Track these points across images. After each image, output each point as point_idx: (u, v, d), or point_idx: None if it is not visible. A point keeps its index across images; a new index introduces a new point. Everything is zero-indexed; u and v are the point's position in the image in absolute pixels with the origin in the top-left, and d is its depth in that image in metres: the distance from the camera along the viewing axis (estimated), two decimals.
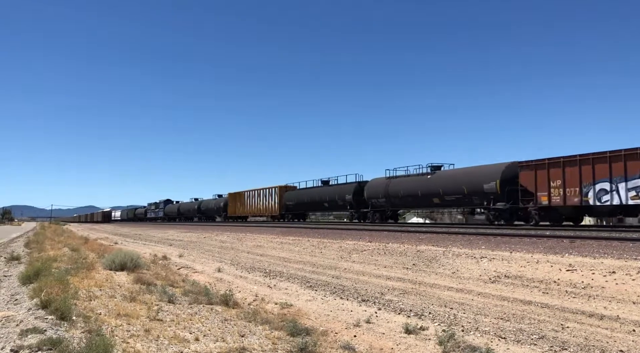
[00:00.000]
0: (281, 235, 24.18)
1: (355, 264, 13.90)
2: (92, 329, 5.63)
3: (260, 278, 12.92)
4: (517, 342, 6.47)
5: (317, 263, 14.78)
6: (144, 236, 38.28)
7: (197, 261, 18.01)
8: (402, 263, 13.07)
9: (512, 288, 9.52)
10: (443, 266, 12.00)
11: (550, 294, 8.77)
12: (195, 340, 5.90)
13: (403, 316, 8.19)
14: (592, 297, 8.29)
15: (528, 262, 10.97)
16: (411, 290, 10.22)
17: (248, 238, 24.62)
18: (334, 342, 6.54)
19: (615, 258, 10.20)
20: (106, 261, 13.34)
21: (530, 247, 12.72)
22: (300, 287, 11.39)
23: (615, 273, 9.08)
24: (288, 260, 16.24)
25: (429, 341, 6.69)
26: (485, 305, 8.53)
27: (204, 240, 27.37)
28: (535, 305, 8.23)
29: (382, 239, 17.94)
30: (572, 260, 10.49)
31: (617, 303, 7.82)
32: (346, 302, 9.56)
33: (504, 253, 12.21)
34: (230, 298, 8.96)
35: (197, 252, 21.74)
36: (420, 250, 14.35)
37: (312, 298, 10.08)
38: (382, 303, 9.23)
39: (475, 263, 11.69)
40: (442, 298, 9.28)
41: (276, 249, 19.36)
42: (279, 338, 6.33)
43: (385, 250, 15.21)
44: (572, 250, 11.68)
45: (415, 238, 17.35)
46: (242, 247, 21.81)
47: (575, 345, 6.14)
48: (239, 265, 15.77)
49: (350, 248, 16.51)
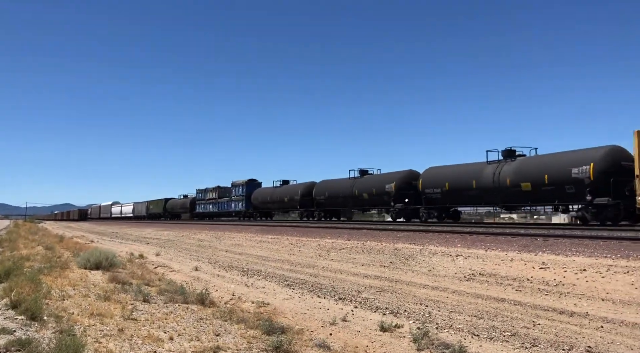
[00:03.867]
0: (260, 233, 24.13)
1: (334, 262, 13.95)
2: (63, 329, 5.56)
3: (237, 277, 12.88)
4: (490, 339, 6.57)
5: (295, 262, 14.79)
6: (121, 234, 37.84)
7: (174, 260, 17.87)
8: (379, 261, 13.16)
9: (487, 286, 9.66)
10: (420, 264, 12.12)
11: (523, 292, 8.92)
12: (169, 340, 5.87)
13: (379, 314, 8.25)
14: (564, 295, 8.46)
15: (502, 260, 11.14)
16: (388, 288, 10.30)
17: (227, 237, 24.51)
18: (309, 340, 6.56)
19: (586, 256, 10.42)
20: (81, 260, 13.16)
21: (505, 246, 12.92)
22: (277, 285, 11.39)
23: (586, 271, 9.28)
24: (266, 258, 16.21)
25: (403, 338, 6.76)
26: (459, 303, 8.64)
27: (181, 239, 27.16)
28: (508, 303, 8.36)
29: (361, 237, 18.03)
30: (545, 258, 10.69)
31: (586, 300, 8.00)
32: (323, 300, 9.59)
33: (479, 252, 12.37)
34: (206, 297, 8.93)
35: (175, 250, 21.57)
36: (398, 248, 14.46)
37: (289, 296, 10.09)
38: (359, 301, 9.28)
39: (451, 261, 11.82)
40: (418, 296, 9.37)
41: (255, 248, 19.31)
42: (254, 337, 6.33)
43: (363, 248, 15.29)
44: (545, 248, 11.89)
45: (393, 237, 17.47)
46: (220, 245, 21.70)
47: (545, 342, 6.27)
48: (216, 264, 15.70)
49: (329, 246, 16.55)
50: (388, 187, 29.92)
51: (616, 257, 9.96)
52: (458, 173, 25.90)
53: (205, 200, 59.25)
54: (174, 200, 70.59)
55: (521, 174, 22.23)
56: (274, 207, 45.03)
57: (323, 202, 36.54)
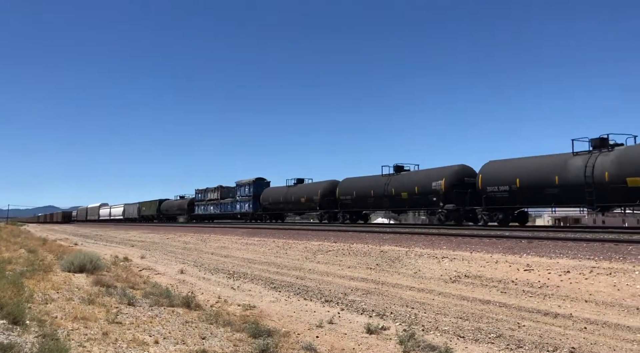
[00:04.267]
0: (246, 236, 24.04)
1: (320, 265, 13.95)
2: (46, 333, 5.48)
3: (223, 280, 12.82)
4: (475, 341, 6.61)
5: (281, 264, 14.76)
6: (105, 237, 37.46)
7: (160, 262, 17.73)
8: (366, 263, 13.19)
9: (472, 287, 9.72)
10: (405, 266, 12.17)
11: (508, 294, 9.00)
12: (154, 343, 5.82)
13: (365, 316, 8.26)
14: (548, 296, 8.54)
15: (487, 262, 11.23)
16: (374, 290, 10.32)
17: (212, 239, 24.38)
18: (295, 343, 6.55)
19: (570, 258, 10.54)
20: (65, 263, 12.99)
21: (490, 248, 13.02)
22: (264, 288, 11.36)
23: (569, 273, 9.38)
24: (253, 261, 16.16)
25: (389, 341, 6.77)
26: (445, 305, 8.68)
27: (167, 241, 26.97)
28: (493, 305, 8.43)
29: (347, 240, 18.05)
30: (530, 260, 10.79)
31: (570, 301, 8.09)
32: (310, 302, 9.58)
33: (464, 254, 12.45)
34: (192, 300, 8.86)
35: (160, 253, 21.40)
36: (384, 250, 14.50)
37: (276, 299, 10.07)
38: (345, 303, 9.29)
39: (436, 263, 11.89)
40: (404, 298, 9.40)
41: (241, 250, 19.24)
42: (240, 340, 6.30)
43: (349, 250, 15.31)
44: (529, 250, 12.01)
45: (380, 239, 17.52)
46: (206, 248, 21.59)
47: (530, 343, 6.32)
48: (202, 267, 15.61)
49: (315, 249, 16.54)
50: (435, 185, 25.54)
51: (599, 259, 10.09)
52: (533, 167, 21.68)
53: (206, 201, 55.32)
54: (170, 201, 66.53)
55: (624, 166, 18.23)
56: (288, 208, 40.74)
57: (349, 203, 32.49)
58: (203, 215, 56.05)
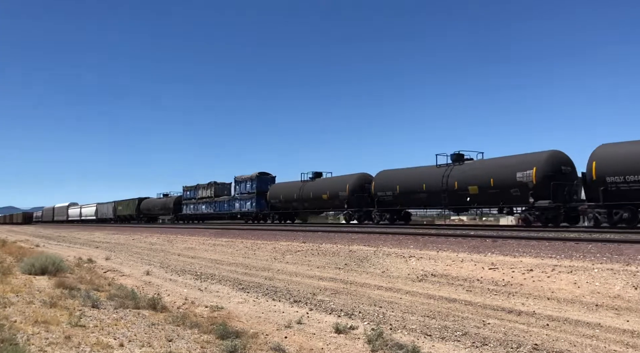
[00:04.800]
0: (214, 236, 23.81)
1: (289, 265, 13.92)
2: (4, 338, 5.31)
3: (190, 281, 12.66)
4: (442, 339, 6.71)
5: (250, 265, 14.68)
6: (69, 238, 36.54)
7: (125, 264, 17.40)
8: (334, 263, 13.23)
9: (439, 286, 9.86)
10: (374, 265, 12.25)
11: (474, 292, 9.16)
12: (119, 346, 5.71)
13: (334, 316, 8.29)
14: (512, 294, 8.73)
15: (454, 260, 11.40)
16: (342, 290, 10.37)
17: (179, 240, 24.06)
18: (264, 343, 6.52)
19: (533, 256, 10.79)
20: (25, 265, 12.61)
21: (456, 247, 13.23)
22: (232, 289, 11.27)
23: (532, 271, 9.61)
24: (220, 262, 16.02)
25: (358, 340, 6.81)
26: (412, 304, 8.79)
27: (132, 242, 26.47)
28: (459, 303, 8.57)
29: (316, 240, 18.06)
30: (495, 259, 11.00)
31: (533, 299, 8.29)
32: (278, 303, 9.56)
33: (431, 253, 12.62)
34: (158, 302, 8.72)
35: (125, 254, 21.01)
36: (353, 250, 14.57)
37: (244, 300, 10.00)
38: (314, 303, 9.30)
39: (404, 263, 12.01)
40: (372, 298, 9.47)
41: (208, 251, 19.04)
42: (207, 341, 6.23)
43: (318, 250, 15.32)
44: (494, 249, 12.25)
45: (348, 239, 17.59)
46: (172, 249, 21.29)
47: (494, 341, 6.45)
48: (168, 268, 15.39)
49: (284, 249, 16.50)
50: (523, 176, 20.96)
51: (561, 258, 10.36)
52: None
53: (196, 200, 49.32)
54: (151, 200, 60.16)
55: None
56: (304, 207, 34.86)
57: (389, 200, 27.56)
58: (192, 215, 50.38)
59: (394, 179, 27.67)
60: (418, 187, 25.83)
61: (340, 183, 31.69)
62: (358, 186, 30.22)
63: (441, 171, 24.87)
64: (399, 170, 28.32)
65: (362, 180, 30.41)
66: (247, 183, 41.24)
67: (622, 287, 8.01)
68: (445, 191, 24.29)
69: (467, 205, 24.48)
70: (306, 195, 33.82)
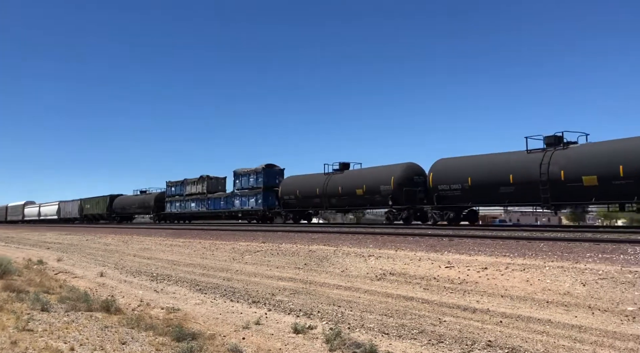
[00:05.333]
0: (171, 237, 23.39)
1: (248, 265, 13.81)
2: None
3: (146, 283, 12.39)
4: (399, 337, 6.78)
5: (208, 266, 14.48)
6: (17, 239, 35.16)
7: (78, 265, 16.88)
8: (294, 263, 13.19)
9: (397, 285, 9.97)
10: (333, 265, 12.29)
11: (431, 290, 9.31)
12: (70, 350, 5.53)
13: (292, 316, 8.26)
14: (467, 292, 8.91)
15: (411, 259, 11.56)
16: (302, 289, 10.35)
17: (135, 241, 23.51)
18: (221, 345, 6.44)
19: (487, 255, 11.06)
20: None
21: (414, 246, 13.42)
22: (189, 290, 11.09)
23: (487, 269, 9.84)
24: (177, 263, 15.74)
25: (316, 340, 6.81)
26: (371, 302, 8.85)
27: (86, 243, 25.71)
28: (416, 301, 8.69)
29: (276, 240, 17.98)
30: (451, 258, 11.21)
31: (487, 297, 8.49)
32: (236, 304, 9.46)
33: (389, 252, 12.75)
34: (112, 304, 8.51)
35: (78, 255, 20.38)
36: (312, 249, 14.57)
37: (201, 301, 9.86)
38: (273, 304, 9.25)
39: (363, 262, 12.09)
40: (331, 297, 9.49)
41: (165, 252, 18.68)
42: (163, 344, 6.11)
43: (278, 250, 15.25)
44: (451, 248, 12.49)
45: (308, 238, 17.59)
46: (128, 250, 20.78)
47: (450, 338, 6.57)
48: (124, 269, 15.01)
49: (243, 249, 16.36)
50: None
51: (514, 256, 10.65)
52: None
53: (184, 196, 43.57)
54: (126, 197, 54.60)
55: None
56: (331, 204, 29.20)
57: (456, 196, 22.54)
58: (179, 214, 44.62)
59: (463, 169, 22.41)
60: (502, 179, 20.36)
61: (382, 175, 26.10)
62: (406, 178, 25.08)
63: (536, 157, 19.71)
64: (469, 158, 22.96)
65: (411, 171, 25.53)
66: (250, 177, 35.47)
67: (571, 284, 8.30)
68: (547, 183, 18.99)
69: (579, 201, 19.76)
70: (332, 190, 28.44)
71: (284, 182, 32.85)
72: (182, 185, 44.32)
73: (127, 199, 53.80)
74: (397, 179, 25.19)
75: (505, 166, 20.65)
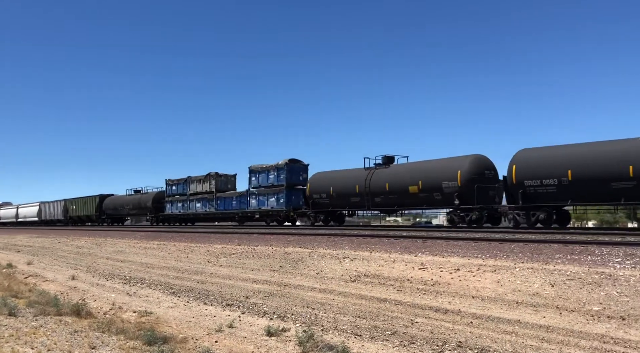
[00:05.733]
0: (145, 239, 23.11)
1: (223, 268, 13.73)
2: None
3: (119, 286, 12.23)
4: (372, 339, 6.83)
5: (182, 269, 14.35)
6: None
7: (49, 269, 16.56)
8: (269, 265, 13.17)
9: (371, 286, 10.03)
10: (308, 267, 12.30)
11: (404, 292, 9.39)
12: None
13: (266, 319, 8.25)
14: (440, 293, 9.02)
15: (386, 261, 11.64)
16: (276, 292, 10.34)
17: (109, 243, 23.17)
18: (193, 348, 6.40)
19: (460, 256, 11.21)
20: None
21: (389, 247, 13.52)
22: (162, 293, 10.98)
23: (459, 271, 9.97)
24: (151, 265, 15.56)
25: (289, 342, 6.82)
26: (345, 304, 8.89)
27: (58, 246, 25.24)
28: (389, 303, 8.76)
29: (252, 242, 17.92)
30: (424, 259, 11.33)
31: (459, 298, 8.60)
32: (210, 307, 9.40)
33: (364, 253, 12.83)
34: (82, 307, 8.39)
35: (49, 258, 19.99)
36: (288, 252, 14.56)
37: (175, 304, 9.77)
38: (247, 306, 9.22)
39: (338, 264, 12.13)
40: (306, 299, 9.50)
41: (139, 255, 18.45)
42: (133, 348, 6.05)
43: (254, 253, 15.20)
44: (424, 249, 12.62)
45: (284, 241, 17.57)
46: (101, 252, 20.47)
47: (421, 339, 6.64)
48: (96, 272, 14.78)
49: (218, 252, 16.26)
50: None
51: (486, 257, 10.82)
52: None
53: (187, 196, 39.74)
54: (118, 197, 50.33)
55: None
56: (375, 204, 25.18)
57: (550, 193, 19.00)
58: (181, 215, 40.50)
59: (560, 161, 18.88)
60: (617, 172, 17.29)
61: (444, 169, 22.48)
62: (476, 173, 21.57)
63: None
64: (568, 147, 19.41)
65: (481, 165, 22.04)
66: (270, 174, 32.07)
67: (540, 284, 8.47)
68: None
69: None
70: (377, 188, 24.70)
71: (313, 179, 29.24)
72: (185, 184, 40.35)
73: (120, 199, 49.53)
74: (466, 174, 21.41)
75: (622, 156, 17.31)
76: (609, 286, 7.83)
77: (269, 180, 32.26)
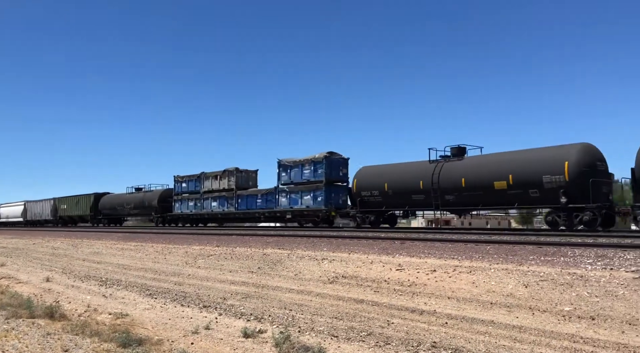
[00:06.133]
0: (122, 240, 22.86)
1: (201, 270, 13.66)
2: None
3: (95, 288, 12.08)
4: (348, 340, 6.88)
5: (159, 270, 14.24)
6: None
7: (22, 270, 16.28)
8: (247, 267, 13.14)
9: (348, 288, 10.09)
10: (287, 268, 12.31)
11: (381, 293, 9.46)
12: None
13: (243, 320, 8.24)
14: (416, 294, 9.11)
15: (364, 262, 11.72)
16: (254, 293, 10.33)
17: (85, 245, 22.86)
18: (168, 350, 6.37)
19: (436, 258, 11.33)
20: None
21: (367, 249, 13.60)
22: (139, 295, 10.88)
23: (436, 272, 10.09)
24: (128, 267, 15.40)
25: (266, 344, 6.82)
26: (322, 305, 8.93)
27: (32, 247, 24.80)
28: (366, 304, 8.82)
29: (230, 243, 17.86)
30: (402, 260, 11.43)
31: (435, 298, 8.70)
32: (187, 309, 9.35)
33: (343, 255, 12.89)
34: (56, 310, 8.28)
35: (23, 260, 19.64)
36: (267, 253, 14.55)
37: (151, 306, 9.70)
38: (224, 308, 9.20)
39: (317, 265, 12.17)
40: (283, 301, 9.51)
41: (116, 256, 18.24)
42: (108, 350, 6.00)
43: (232, 254, 15.16)
44: (402, 250, 12.73)
45: (263, 242, 17.55)
46: (77, 254, 20.18)
47: (397, 340, 6.71)
48: (71, 274, 14.58)
49: (197, 253, 16.17)
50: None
51: (462, 259, 10.96)
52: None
53: (200, 194, 36.01)
54: (117, 195, 46.31)
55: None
56: (446, 202, 21.53)
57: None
58: (194, 215, 36.64)
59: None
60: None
61: (544, 159, 18.86)
62: (587, 165, 18.15)
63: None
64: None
65: (593, 155, 18.59)
66: (304, 169, 28.16)
67: (514, 285, 8.62)
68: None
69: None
70: (449, 183, 21.16)
71: (360, 174, 25.43)
72: (198, 180, 36.37)
73: (118, 198, 45.40)
74: (575, 166, 17.89)
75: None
76: (580, 287, 8.01)
77: (303, 176, 28.38)
